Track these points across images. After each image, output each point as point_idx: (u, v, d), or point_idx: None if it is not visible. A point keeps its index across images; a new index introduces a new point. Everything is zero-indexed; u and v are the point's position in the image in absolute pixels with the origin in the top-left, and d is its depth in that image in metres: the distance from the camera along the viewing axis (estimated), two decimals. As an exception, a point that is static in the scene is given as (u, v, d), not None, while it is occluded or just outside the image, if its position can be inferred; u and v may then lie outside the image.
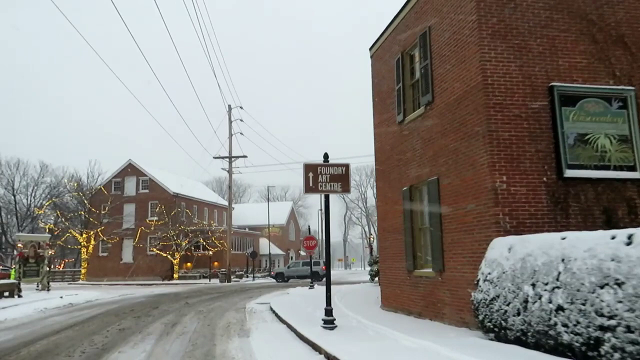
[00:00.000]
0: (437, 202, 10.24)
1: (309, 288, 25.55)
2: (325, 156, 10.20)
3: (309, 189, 9.87)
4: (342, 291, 22.47)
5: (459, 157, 9.52)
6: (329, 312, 9.85)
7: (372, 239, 31.54)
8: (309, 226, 27.79)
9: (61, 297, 23.21)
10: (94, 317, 14.48)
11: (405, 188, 11.90)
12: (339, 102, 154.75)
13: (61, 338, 10.34)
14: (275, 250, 59.36)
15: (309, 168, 9.98)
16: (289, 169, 74.47)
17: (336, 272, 77.78)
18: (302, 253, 78.16)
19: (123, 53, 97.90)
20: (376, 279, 26.76)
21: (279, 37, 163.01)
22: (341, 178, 10.05)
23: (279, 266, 64.08)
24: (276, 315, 13.90)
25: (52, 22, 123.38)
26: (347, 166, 10.17)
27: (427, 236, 11.15)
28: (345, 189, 10.12)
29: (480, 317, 7.67)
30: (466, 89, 9.33)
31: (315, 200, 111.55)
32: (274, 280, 43.84)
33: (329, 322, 9.73)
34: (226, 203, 64.91)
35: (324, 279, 10.23)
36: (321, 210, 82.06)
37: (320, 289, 25.03)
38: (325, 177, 9.96)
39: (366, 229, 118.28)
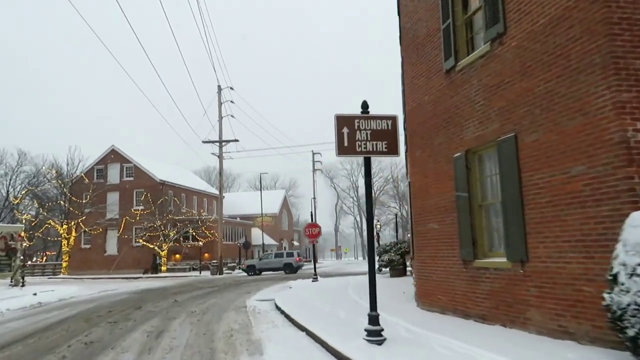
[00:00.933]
0: (515, 167, 7.56)
1: (312, 280, 22.92)
2: (364, 106, 7.46)
3: (343, 149, 7.14)
4: (353, 283, 19.86)
5: (555, 103, 6.82)
6: (374, 319, 7.19)
7: (379, 227, 28.96)
8: (311, 212, 24.88)
9: (34, 294, 20.57)
10: (60, 323, 11.67)
11: (458, 154, 9.21)
12: (333, 89, 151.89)
13: None
14: (268, 240, 56.66)
15: (343, 121, 7.24)
16: (279, 153, 71.61)
17: (330, 263, 75.35)
18: (295, 243, 75.60)
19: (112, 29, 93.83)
20: (385, 269, 24.21)
21: (272, 28, 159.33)
22: (387, 135, 7.33)
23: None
24: (288, 317, 11.22)
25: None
26: (394, 119, 7.44)
27: (494, 215, 8.50)
28: (393, 149, 7.40)
29: (631, 332, 5.00)
30: (567, 3, 6.61)
31: (305, 190, 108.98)
32: (268, 272, 41.17)
33: (376, 334, 7.06)
34: (216, 191, 62.02)
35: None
36: (314, 199, 79.37)
37: (325, 282, 22.42)
38: (365, 133, 7.23)
39: (358, 218, 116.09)
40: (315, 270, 23.45)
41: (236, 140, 42.12)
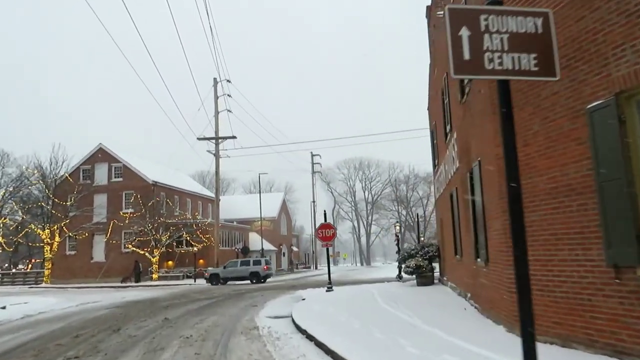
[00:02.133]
0: None
1: (327, 290, 19.66)
2: (494, -6, 4.23)
3: (462, 67, 3.91)
4: (379, 292, 16.63)
5: None
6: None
7: (398, 228, 25.79)
8: (324, 212, 21.32)
9: (3, 308, 17.47)
10: None
11: (597, 103, 6.01)
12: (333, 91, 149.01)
13: None
14: (267, 245, 53.29)
15: (459, 18, 4.02)
16: (276, 151, 68.56)
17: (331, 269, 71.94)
18: (295, 249, 72.18)
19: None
20: (407, 276, 21.03)
21: (268, 31, 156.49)
22: (535, 42, 4.09)
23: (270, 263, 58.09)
24: (320, 345, 7.99)
25: None
26: (545, 15, 4.21)
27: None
28: (546, 68, 4.14)
29: None
30: None
31: (301, 194, 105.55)
32: (268, 279, 37.84)
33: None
34: (211, 194, 58.71)
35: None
36: (314, 202, 76.12)
37: (342, 292, 19.12)
38: (499, 39, 4.00)
39: (355, 224, 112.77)
40: (329, 279, 20.16)
41: (233, 137, 38.91)
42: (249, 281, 33.45)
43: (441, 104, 15.64)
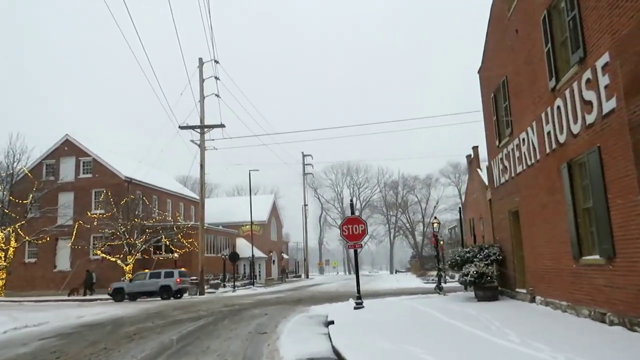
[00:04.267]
0: None
1: (356, 307, 14.43)
2: None
3: None
4: (440, 313, 11.48)
5: None
6: None
7: (436, 225, 20.56)
8: (351, 201, 15.93)
9: None
10: None
11: None
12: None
13: None
14: (256, 252, 47.78)
15: None
16: (264, 143, 62.80)
17: (322, 278, 66.53)
18: (285, 256, 66.67)
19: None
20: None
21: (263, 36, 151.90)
22: None
23: (259, 271, 52.51)
24: None
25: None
26: None
27: None
28: None
29: None
30: None
31: (287, 201, 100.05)
32: (261, 289, 32.49)
33: None
34: (194, 195, 53.01)
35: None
36: (305, 205, 70.77)
37: (379, 309, 13.87)
38: None
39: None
40: (359, 291, 14.88)
41: (222, 126, 33.50)
42: (159, 297, 27.99)
43: (542, 34, 10.61)
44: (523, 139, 12.67)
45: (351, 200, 15.47)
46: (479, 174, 42.75)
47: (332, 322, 11.93)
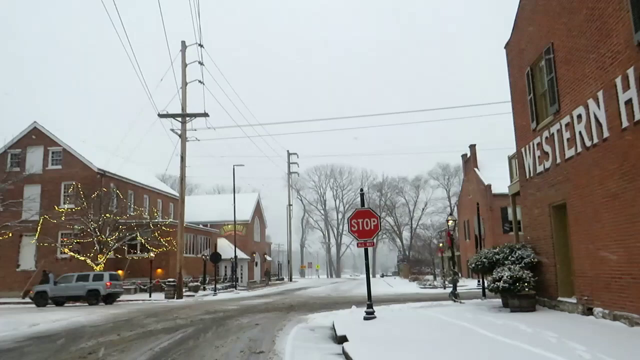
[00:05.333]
0: None
1: (366, 317, 11.96)
2: None
3: None
4: (482, 329, 9.09)
5: None
6: None
7: (451, 223, 18.02)
8: (361, 191, 13.53)
9: None
10: None
11: None
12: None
13: None
14: (238, 253, 44.99)
15: None
16: (246, 135, 59.59)
17: (306, 282, 63.95)
18: (268, 258, 63.87)
19: None
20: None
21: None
22: None
23: (241, 274, 49.67)
24: None
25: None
26: None
27: None
28: None
29: None
30: None
31: (269, 202, 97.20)
32: (244, 293, 29.88)
33: None
34: (173, 191, 49.97)
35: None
36: (290, 205, 68.07)
37: (399, 321, 11.38)
38: None
39: (325, 233, 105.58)
40: (370, 298, 12.39)
41: (205, 115, 30.79)
42: (87, 302, 25.15)
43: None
44: (579, 115, 10.38)
45: (361, 190, 12.94)
46: (477, 174, 40.79)
47: (344, 338, 9.47)
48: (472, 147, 41.24)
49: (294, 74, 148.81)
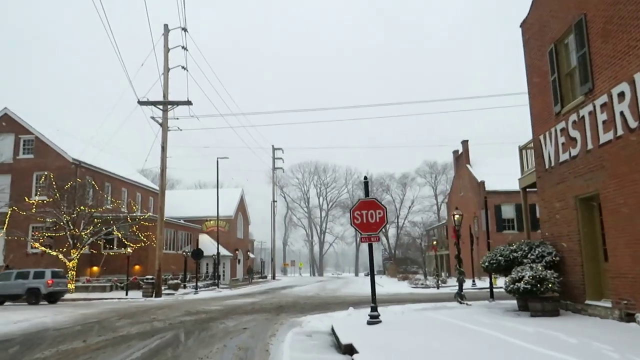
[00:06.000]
0: None
1: (370, 321, 10.55)
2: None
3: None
4: (518, 340, 7.67)
5: None
6: None
7: (458, 217, 16.54)
8: (365, 178, 12.22)
9: None
10: None
11: None
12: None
13: None
14: (221, 250, 43.25)
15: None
16: (230, 126, 57.57)
17: (289, 280, 62.43)
18: (251, 255, 62.16)
19: None
20: (514, 294, 12.37)
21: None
22: None
23: (224, 271, 47.94)
24: None
25: None
26: None
27: None
28: None
29: None
30: None
31: (251, 198, 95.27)
32: (227, 291, 28.30)
33: None
34: (155, 185, 48.02)
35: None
36: (274, 201, 66.44)
37: (408, 327, 9.89)
38: None
39: (309, 231, 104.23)
40: (374, 300, 10.94)
41: (188, 103, 29.04)
42: (26, 302, 23.33)
43: None
44: (620, 93, 9.07)
45: (365, 178, 11.45)
46: (469, 170, 39.68)
47: (351, 348, 8.02)
48: (465, 143, 40.09)
49: (282, 67, 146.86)
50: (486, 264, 12.53)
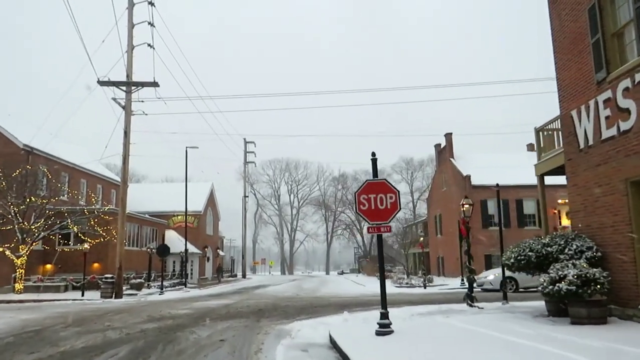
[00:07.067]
0: None
1: (380, 332, 8.42)
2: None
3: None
4: None
5: None
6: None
7: (467, 207, 14.40)
8: (373, 155, 10.26)
9: None
10: None
11: None
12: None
13: None
14: (189, 247, 40.51)
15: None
16: (199, 112, 54.58)
17: (261, 279, 60.05)
18: (221, 253, 59.26)
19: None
20: (555, 297, 10.51)
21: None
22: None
23: (192, 270, 45.13)
24: None
25: None
26: None
27: None
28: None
29: None
30: None
31: (219, 195, 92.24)
32: (195, 291, 25.84)
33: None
34: (118, 178, 44.80)
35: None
36: (246, 197, 63.77)
37: (423, 339, 7.65)
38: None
39: (279, 229, 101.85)
40: (384, 305, 8.84)
41: (154, 85, 26.38)
42: None
43: None
44: None
45: (373, 155, 9.24)
46: (453, 164, 38.04)
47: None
48: (448, 136, 38.43)
49: (253, 53, 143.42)
50: (511, 260, 10.53)
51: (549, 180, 13.79)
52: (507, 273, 21.54)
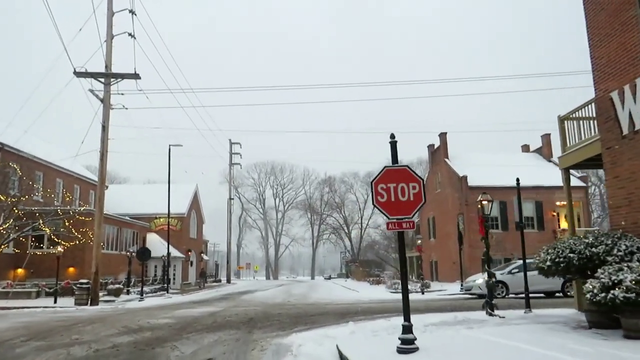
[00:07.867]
0: None
1: (402, 349, 6.89)
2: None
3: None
4: None
5: None
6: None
7: (486, 203, 12.91)
8: (392, 137, 8.76)
9: None
10: None
11: None
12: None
13: None
14: (172, 251, 38.66)
15: None
16: (180, 106, 52.48)
17: (247, 284, 58.16)
18: (205, 257, 57.27)
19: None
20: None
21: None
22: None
23: (174, 274, 43.19)
24: None
25: None
26: None
27: None
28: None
29: None
30: None
31: (206, 198, 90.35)
32: (178, 298, 24.11)
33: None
34: (95, 178, 42.74)
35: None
36: (231, 199, 61.87)
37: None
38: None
39: (264, 233, 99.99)
40: (408, 317, 7.36)
41: (135, 77, 24.67)
42: None
43: None
44: None
45: (392, 136, 7.73)
46: (449, 164, 36.79)
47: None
48: (443, 136, 37.20)
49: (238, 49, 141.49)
50: (548, 263, 9.10)
51: (548, 181, 12.56)
52: (499, 277, 20.48)
